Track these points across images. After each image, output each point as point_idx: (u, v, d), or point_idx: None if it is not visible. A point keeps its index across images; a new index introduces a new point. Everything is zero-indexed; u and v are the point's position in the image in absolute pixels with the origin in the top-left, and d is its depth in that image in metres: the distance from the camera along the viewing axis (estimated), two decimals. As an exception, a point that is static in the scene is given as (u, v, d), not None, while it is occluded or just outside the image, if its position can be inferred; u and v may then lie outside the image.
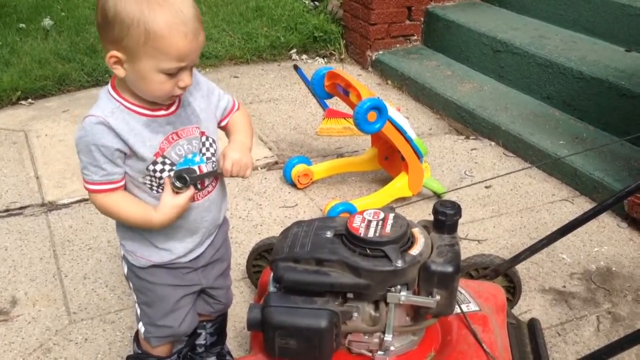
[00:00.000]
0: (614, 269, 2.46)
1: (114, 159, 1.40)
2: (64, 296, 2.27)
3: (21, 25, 4.78)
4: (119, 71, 1.34)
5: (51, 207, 2.83)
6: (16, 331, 2.11)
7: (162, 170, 1.44)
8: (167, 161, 1.44)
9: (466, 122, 3.64)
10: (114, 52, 1.31)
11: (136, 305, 1.66)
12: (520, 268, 2.30)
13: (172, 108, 1.45)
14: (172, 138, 1.44)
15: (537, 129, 3.31)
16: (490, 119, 3.48)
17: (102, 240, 2.59)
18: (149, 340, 1.66)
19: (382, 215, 1.63)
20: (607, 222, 2.74)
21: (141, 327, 1.67)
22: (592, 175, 2.89)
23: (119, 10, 1.27)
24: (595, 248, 2.58)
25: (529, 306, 2.24)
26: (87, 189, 1.44)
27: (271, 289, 1.62)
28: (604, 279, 2.40)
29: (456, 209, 1.65)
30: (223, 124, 1.61)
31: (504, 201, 2.92)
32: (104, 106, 1.39)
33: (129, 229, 1.54)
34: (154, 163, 1.43)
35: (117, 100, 1.40)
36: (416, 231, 1.63)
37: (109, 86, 1.43)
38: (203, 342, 1.87)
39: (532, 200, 2.93)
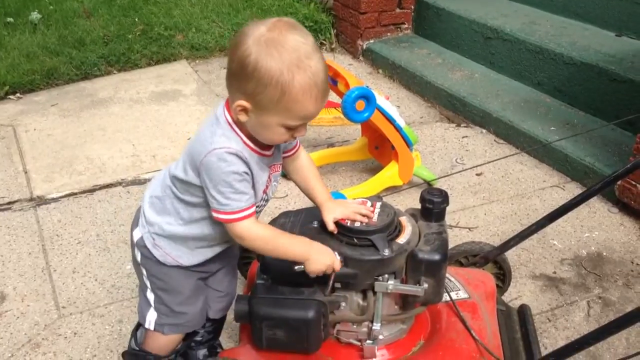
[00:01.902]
0: (604, 254, 2.46)
1: (250, 184, 1.42)
2: (53, 291, 2.26)
3: (9, 19, 4.73)
4: (242, 117, 1.37)
5: (40, 201, 2.81)
6: (5, 326, 2.10)
7: (259, 206, 1.50)
8: (266, 197, 1.52)
9: (457, 109, 3.62)
10: (243, 103, 1.34)
11: (148, 292, 1.63)
12: (511, 255, 2.30)
13: (273, 148, 1.49)
14: (270, 177, 1.51)
15: (528, 116, 3.30)
16: (481, 106, 3.47)
17: (92, 234, 2.57)
18: (162, 328, 1.65)
19: (369, 204, 1.61)
20: (598, 207, 2.74)
21: (151, 316, 1.64)
22: (582, 161, 2.89)
23: (260, 67, 1.29)
24: (586, 233, 2.58)
25: (520, 292, 2.24)
26: (235, 219, 1.40)
27: (258, 280, 1.61)
28: (595, 265, 2.40)
29: (443, 196, 1.64)
30: (284, 155, 1.62)
31: (495, 188, 2.91)
32: (234, 143, 1.39)
33: (173, 232, 1.54)
34: (260, 199, 1.48)
35: (240, 137, 1.41)
36: (403, 219, 1.62)
37: (229, 120, 1.41)
38: (199, 339, 1.87)
39: (523, 187, 2.93)
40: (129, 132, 3.45)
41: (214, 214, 1.42)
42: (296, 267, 1.47)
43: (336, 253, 1.48)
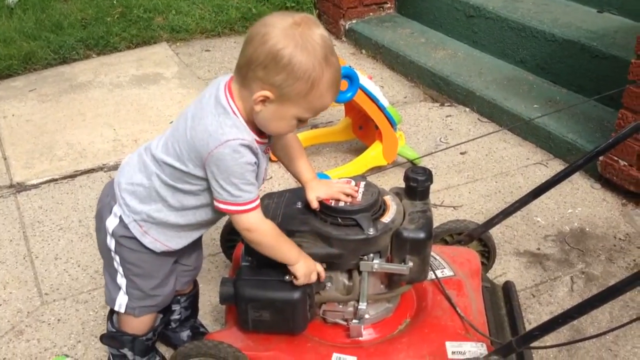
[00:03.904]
0: (587, 229, 2.48)
1: (255, 174, 1.44)
2: (35, 277, 2.23)
3: (-17, 3, 4.63)
4: (259, 107, 1.35)
5: (20, 188, 2.77)
6: (-13, 315, 2.08)
7: None
8: (261, 181, 1.51)
9: (441, 89, 3.61)
10: (266, 93, 1.32)
11: (119, 277, 1.60)
12: (495, 232, 2.31)
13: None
14: (266, 162, 1.52)
15: (511, 94, 3.30)
16: (465, 85, 3.46)
17: (73, 220, 2.54)
18: (133, 311, 1.63)
19: (353, 183, 1.61)
20: (580, 183, 2.76)
21: (122, 299, 1.62)
22: (565, 138, 2.90)
23: (295, 62, 1.29)
24: (569, 210, 2.59)
25: (504, 269, 2.26)
26: (245, 211, 1.41)
27: (243, 262, 1.60)
28: (578, 240, 2.42)
29: (427, 175, 1.64)
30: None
31: (479, 167, 2.92)
32: (246, 134, 1.38)
33: (164, 220, 1.51)
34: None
35: (246, 127, 1.40)
36: (388, 199, 1.62)
37: (234, 109, 1.38)
38: (177, 316, 1.87)
39: (507, 164, 2.93)
40: (110, 116, 3.40)
41: (221, 205, 1.41)
42: (286, 277, 1.50)
43: (318, 264, 1.51)
